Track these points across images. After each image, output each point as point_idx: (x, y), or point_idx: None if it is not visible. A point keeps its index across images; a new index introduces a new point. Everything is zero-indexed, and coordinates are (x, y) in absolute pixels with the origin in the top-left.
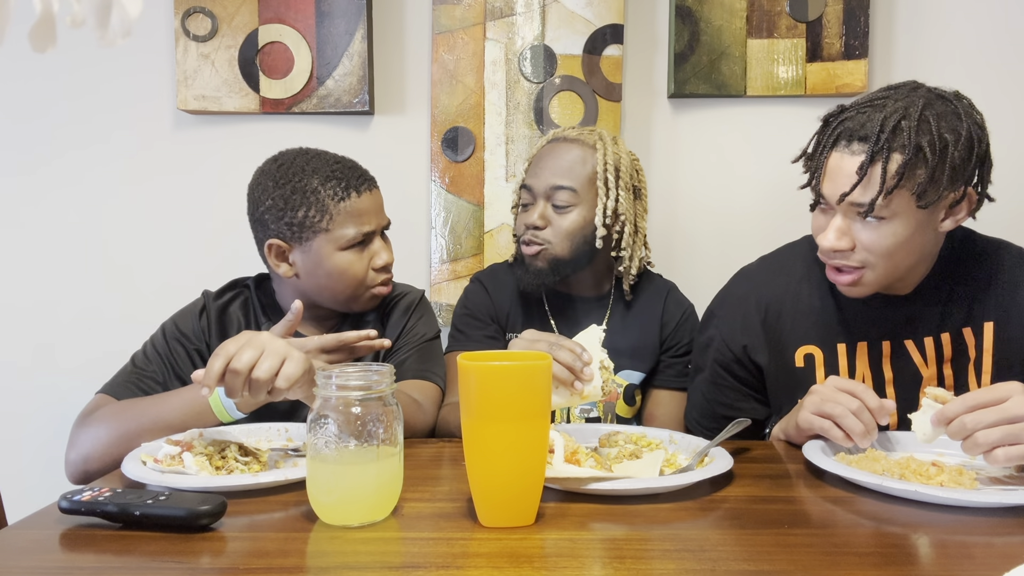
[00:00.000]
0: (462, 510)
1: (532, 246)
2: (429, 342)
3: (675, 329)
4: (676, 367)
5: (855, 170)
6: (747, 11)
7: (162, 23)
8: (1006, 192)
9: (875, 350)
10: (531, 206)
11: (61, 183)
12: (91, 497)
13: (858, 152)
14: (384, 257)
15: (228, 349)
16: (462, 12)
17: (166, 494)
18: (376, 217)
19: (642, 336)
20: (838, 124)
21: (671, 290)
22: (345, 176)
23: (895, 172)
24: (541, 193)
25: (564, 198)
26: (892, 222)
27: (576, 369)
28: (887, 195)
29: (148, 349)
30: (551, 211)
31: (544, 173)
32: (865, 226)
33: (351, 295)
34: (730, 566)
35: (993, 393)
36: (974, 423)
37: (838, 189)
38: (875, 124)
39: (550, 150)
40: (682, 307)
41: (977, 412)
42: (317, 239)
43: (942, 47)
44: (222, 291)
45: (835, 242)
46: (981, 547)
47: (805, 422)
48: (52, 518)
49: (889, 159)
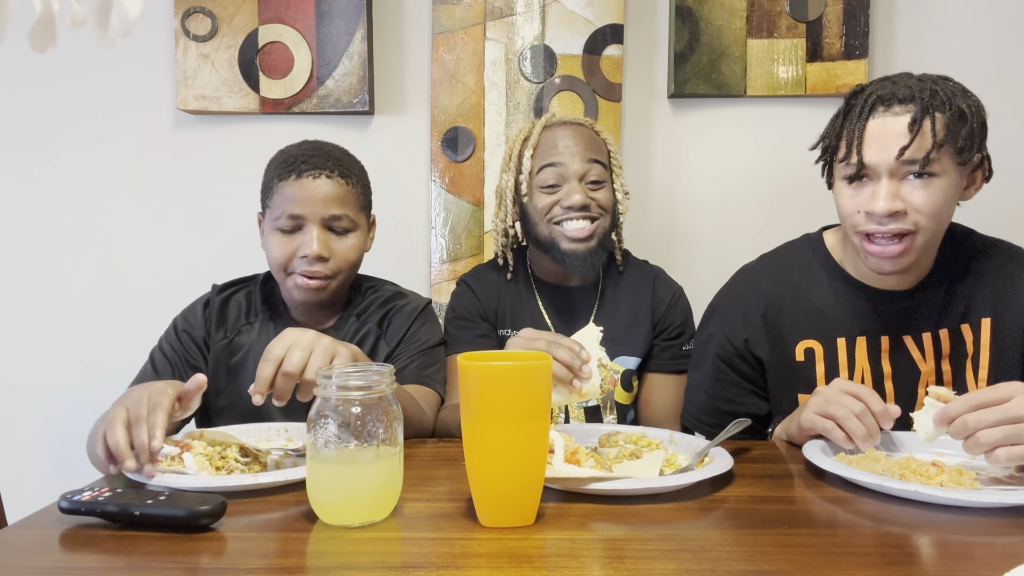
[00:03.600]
0: (462, 510)
1: (586, 224)
2: (431, 349)
3: (666, 312)
4: (670, 350)
5: (906, 127)
6: (747, 11)
7: (162, 23)
8: (1006, 192)
9: (874, 345)
10: (562, 186)
11: (61, 183)
12: (91, 497)
13: (902, 113)
14: (309, 248)
15: (276, 352)
16: (462, 12)
17: (166, 494)
18: (312, 205)
19: (634, 321)
20: (868, 95)
21: (658, 274)
22: (298, 158)
23: (942, 127)
24: (574, 172)
25: (598, 173)
26: (940, 179)
27: (575, 367)
28: (938, 149)
29: (163, 345)
30: (589, 189)
31: (573, 151)
32: (913, 187)
33: (280, 279)
34: (730, 566)
35: (995, 393)
36: (976, 422)
37: (890, 149)
38: (910, 89)
39: (563, 132)
40: (671, 290)
41: (979, 411)
42: (265, 216)
43: (942, 47)
44: (229, 284)
45: (891, 204)
46: (981, 547)
47: (808, 422)
48: (52, 518)
49: (935, 118)
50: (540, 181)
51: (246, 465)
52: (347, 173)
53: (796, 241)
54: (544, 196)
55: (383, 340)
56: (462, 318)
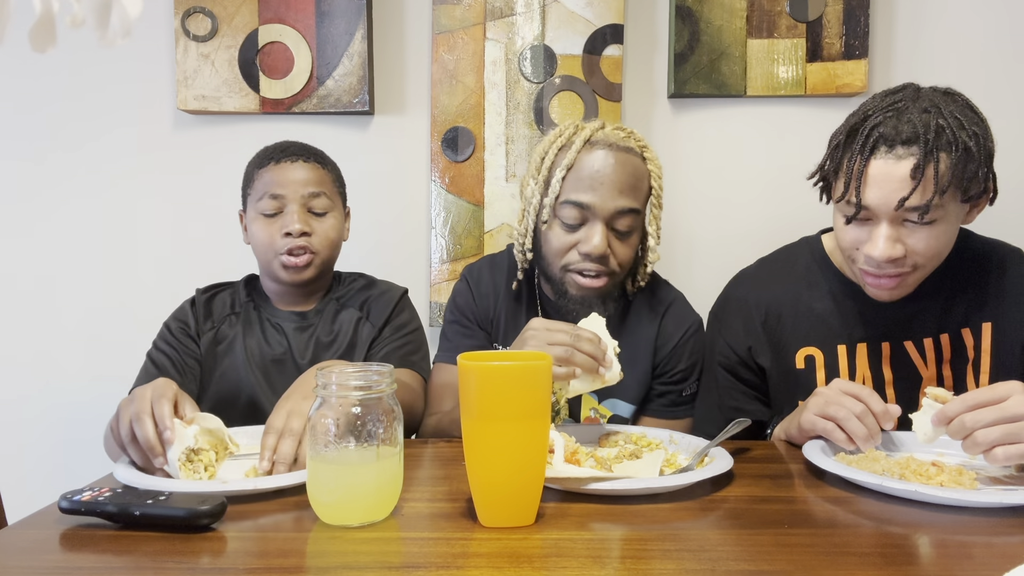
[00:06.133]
0: (462, 510)
1: (600, 278)
2: (412, 333)
3: (671, 352)
4: (668, 396)
5: (908, 174)
6: (747, 11)
7: (162, 23)
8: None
9: (875, 351)
10: (584, 227)
11: (60, 184)
12: (91, 497)
13: (905, 156)
14: (292, 225)
15: (276, 425)
16: (462, 12)
17: (166, 494)
18: (292, 186)
19: (631, 360)
20: (869, 131)
21: (672, 304)
22: (276, 149)
23: (946, 171)
24: (602, 215)
25: (629, 223)
26: (942, 223)
27: (599, 357)
28: (941, 195)
29: (159, 345)
30: (613, 238)
31: (608, 191)
32: (914, 231)
33: (267, 263)
34: (730, 566)
35: (993, 392)
36: (973, 422)
37: (891, 196)
38: (914, 126)
39: (604, 160)
40: (683, 325)
41: (977, 411)
42: (248, 206)
43: (942, 47)
44: (211, 286)
45: (890, 251)
46: (981, 547)
47: (808, 423)
48: (52, 518)
49: (939, 159)
50: (563, 215)
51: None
52: (322, 161)
53: (794, 245)
54: (563, 233)
55: (367, 322)
56: (460, 323)
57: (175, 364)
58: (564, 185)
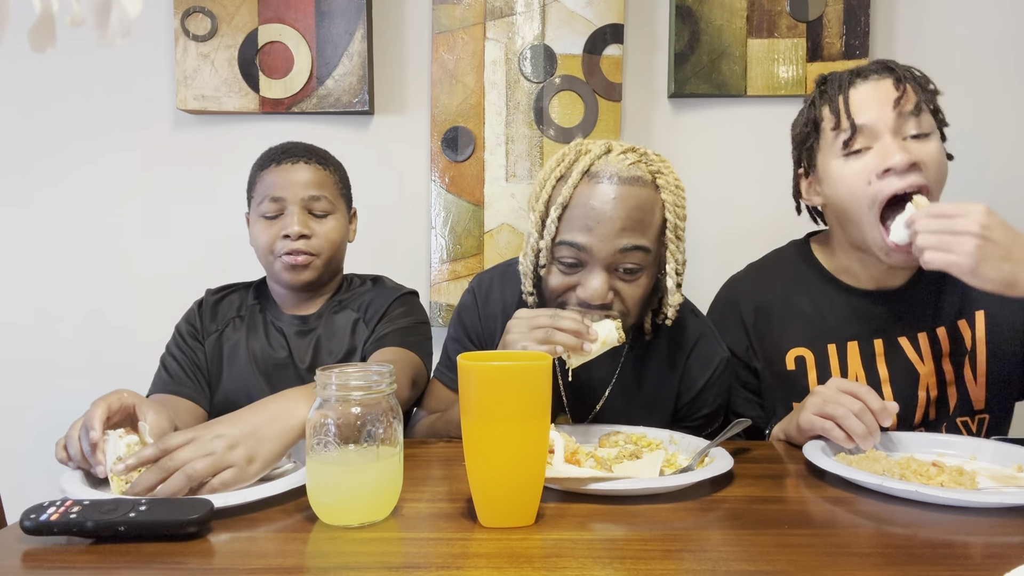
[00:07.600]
0: (462, 510)
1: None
2: (413, 324)
3: (695, 397)
4: None
5: (891, 86)
6: (747, 11)
7: (162, 23)
8: (1007, 192)
9: (867, 349)
10: (583, 269)
11: (60, 183)
12: (60, 515)
13: (880, 79)
14: (291, 227)
15: (171, 443)
16: (462, 12)
17: (143, 503)
18: (292, 188)
19: (651, 407)
20: (840, 74)
21: (699, 343)
22: (278, 151)
23: (918, 86)
24: (602, 258)
25: (637, 259)
26: (934, 137)
27: (581, 332)
28: (925, 104)
29: (171, 350)
30: (617, 279)
31: (608, 229)
32: (916, 143)
33: (268, 265)
34: (730, 566)
35: (958, 207)
36: (922, 226)
37: (884, 105)
38: (878, 63)
39: (605, 195)
40: (710, 366)
41: (930, 219)
42: (251, 208)
43: (942, 47)
44: (224, 286)
45: (904, 156)
46: (981, 547)
47: (807, 423)
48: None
49: (907, 79)
50: (559, 255)
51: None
52: (324, 162)
53: (782, 248)
54: (560, 275)
55: (362, 322)
56: (462, 344)
57: (185, 368)
58: (561, 225)
